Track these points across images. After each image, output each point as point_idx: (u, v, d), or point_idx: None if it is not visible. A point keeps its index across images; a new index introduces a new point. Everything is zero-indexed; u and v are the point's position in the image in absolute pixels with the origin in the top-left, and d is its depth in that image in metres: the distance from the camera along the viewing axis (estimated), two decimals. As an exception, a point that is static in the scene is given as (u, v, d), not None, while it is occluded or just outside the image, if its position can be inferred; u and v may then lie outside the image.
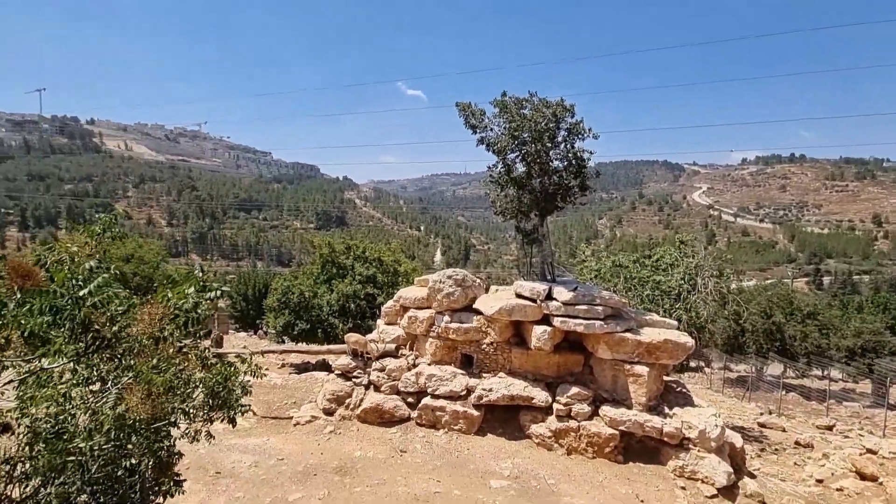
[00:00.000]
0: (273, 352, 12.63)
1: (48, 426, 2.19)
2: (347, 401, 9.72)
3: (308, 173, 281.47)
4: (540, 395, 8.69)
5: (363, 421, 9.31)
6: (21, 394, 2.47)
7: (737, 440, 8.64)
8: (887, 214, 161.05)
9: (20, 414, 2.32)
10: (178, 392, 2.57)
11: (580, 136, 10.01)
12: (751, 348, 25.66)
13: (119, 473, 2.57)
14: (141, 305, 2.38)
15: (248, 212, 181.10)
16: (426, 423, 9.09)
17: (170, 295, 2.52)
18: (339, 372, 10.17)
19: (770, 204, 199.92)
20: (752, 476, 8.56)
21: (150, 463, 2.76)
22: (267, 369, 17.07)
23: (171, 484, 3.02)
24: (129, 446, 2.52)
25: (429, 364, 9.70)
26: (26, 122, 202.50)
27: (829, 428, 14.61)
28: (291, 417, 9.91)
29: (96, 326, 2.23)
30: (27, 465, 2.19)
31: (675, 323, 9.79)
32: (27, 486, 2.43)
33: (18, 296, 2.07)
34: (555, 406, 8.58)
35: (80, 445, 2.17)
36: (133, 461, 2.57)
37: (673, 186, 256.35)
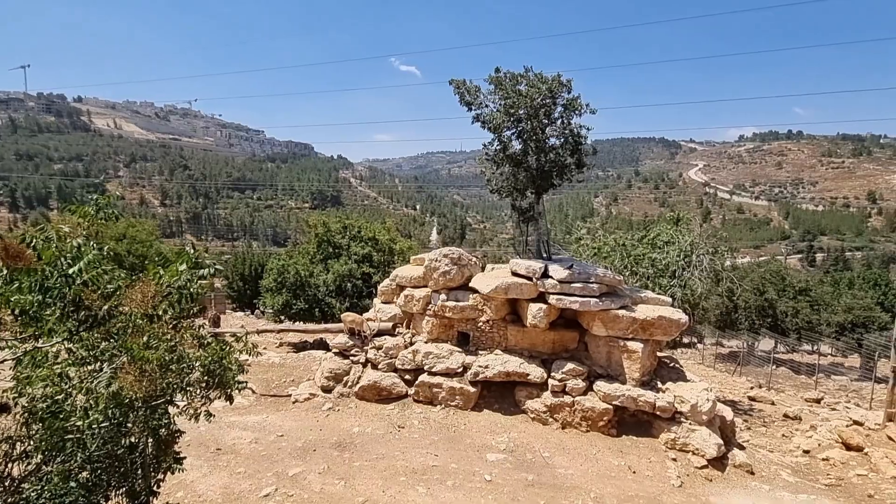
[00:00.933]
0: (270, 331, 12.71)
1: (44, 406, 2.20)
2: (345, 378, 9.83)
3: (302, 152, 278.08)
4: (535, 372, 8.81)
5: (361, 398, 9.44)
6: (17, 374, 2.47)
7: (727, 413, 8.84)
8: (882, 191, 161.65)
9: (17, 394, 2.33)
10: (173, 369, 2.58)
11: (577, 112, 9.89)
12: (743, 324, 26.04)
13: (119, 451, 2.60)
14: (133, 283, 2.37)
15: (242, 191, 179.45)
16: (423, 400, 9.23)
17: (161, 272, 2.50)
18: (337, 350, 10.25)
19: (766, 181, 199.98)
20: (742, 447, 8.79)
21: (150, 440, 2.80)
22: (265, 348, 17.18)
23: (172, 461, 3.06)
24: (129, 424, 2.54)
25: (426, 342, 9.78)
26: (11, 99, 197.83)
27: (817, 401, 14.97)
28: (290, 395, 10.02)
29: (87, 304, 2.22)
30: (27, 444, 2.20)
31: (670, 300, 9.88)
32: (28, 464, 2.45)
33: (4, 272, 2.04)
34: (550, 382, 8.71)
35: (78, 424, 2.18)
36: (133, 439, 2.60)
37: (669, 164, 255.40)
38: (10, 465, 2.34)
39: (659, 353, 9.92)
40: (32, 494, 2.36)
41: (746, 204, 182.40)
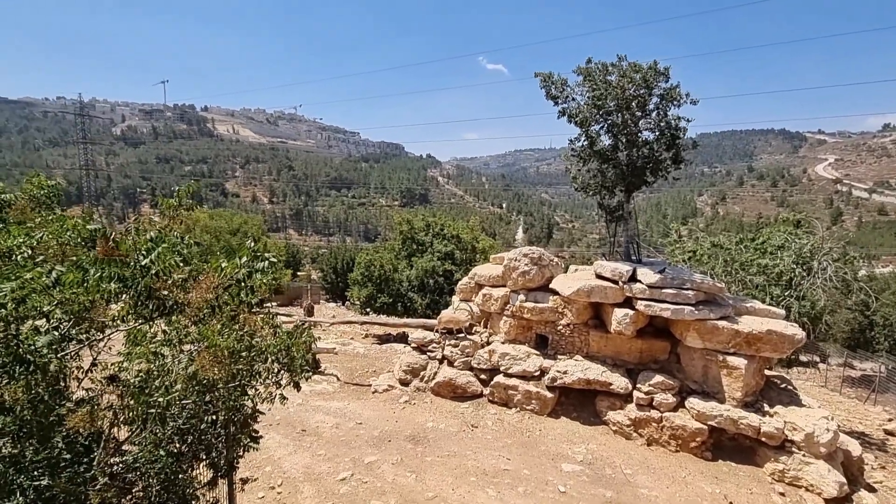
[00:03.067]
0: (354, 322, 13.36)
1: (136, 380, 2.47)
2: (422, 373, 10.00)
3: (393, 152, 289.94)
4: (619, 382, 8.25)
5: (436, 394, 9.53)
6: (124, 350, 2.79)
7: (854, 447, 7.56)
8: None
9: (122, 368, 2.64)
10: (243, 356, 2.74)
11: (675, 103, 9.10)
12: (882, 344, 22.28)
13: (202, 427, 2.84)
14: (199, 275, 2.56)
15: (339, 189, 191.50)
16: (498, 401, 9.08)
17: (224, 265, 2.67)
18: (416, 345, 10.47)
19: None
20: (872, 490, 7.48)
21: (229, 419, 3.02)
22: (352, 338, 18.14)
23: (249, 440, 3.28)
24: (209, 404, 2.76)
25: (502, 342, 9.62)
26: (154, 110, 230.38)
27: (982, 443, 12.30)
28: (370, 385, 10.43)
29: (159, 294, 2.44)
30: (127, 414, 2.49)
31: (783, 312, 8.70)
32: (130, 431, 2.76)
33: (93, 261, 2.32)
34: (635, 394, 8.10)
35: (159, 399, 2.41)
36: (214, 417, 2.82)
37: (791, 158, 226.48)
38: (115, 430, 2.65)
39: (767, 372, 8.79)
40: (130, 458, 2.65)
41: (891, 204, 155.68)
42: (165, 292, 2.49)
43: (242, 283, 2.73)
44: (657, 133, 9.29)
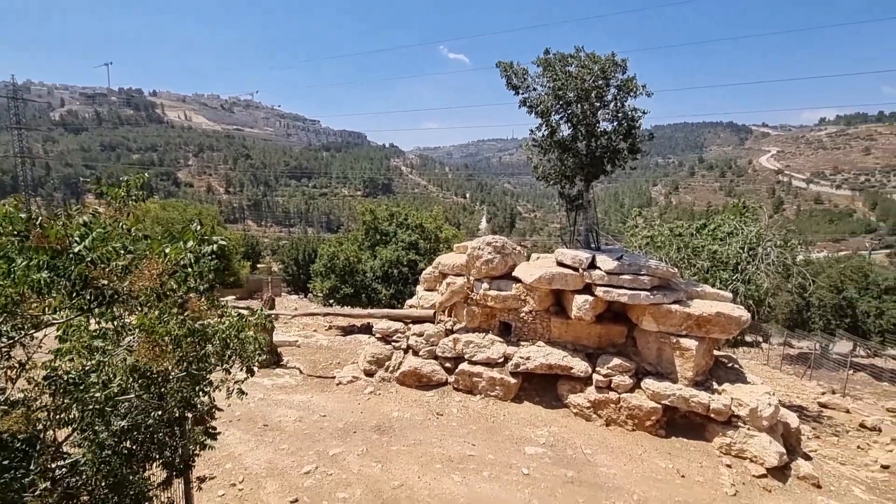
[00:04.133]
0: (317, 314, 13.12)
1: (70, 377, 2.31)
2: (387, 363, 9.96)
3: (355, 141, 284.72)
4: (579, 366, 8.50)
5: (401, 383, 9.53)
6: (56, 346, 2.61)
7: (792, 420, 8.13)
8: None
9: (51, 366, 2.46)
10: (186, 343, 2.62)
11: (632, 94, 9.32)
12: (817, 324, 23.98)
13: (152, 424, 2.71)
14: (140, 262, 2.42)
15: (299, 179, 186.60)
16: (463, 389, 9.17)
17: (168, 251, 2.53)
18: (380, 336, 10.39)
19: (850, 168, 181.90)
20: (808, 458, 8.07)
21: (183, 415, 2.89)
22: (314, 330, 17.82)
23: (205, 436, 3.16)
24: (158, 399, 2.63)
25: (466, 330, 9.69)
26: (97, 94, 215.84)
27: (901, 411, 13.51)
28: (335, 377, 10.30)
29: (97, 283, 2.29)
30: (62, 413, 2.33)
31: (730, 295, 9.18)
32: (69, 431, 2.59)
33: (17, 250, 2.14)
34: (594, 377, 8.38)
35: (96, 395, 2.27)
36: (164, 414, 2.69)
37: (738, 150, 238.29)
38: (53, 432, 2.49)
39: (716, 352, 9.28)
40: (73, 461, 2.49)
41: (826, 193, 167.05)
42: (104, 281, 2.34)
43: (190, 269, 2.60)
44: (615, 123, 9.52)
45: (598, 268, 8.54)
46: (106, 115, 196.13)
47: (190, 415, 3.04)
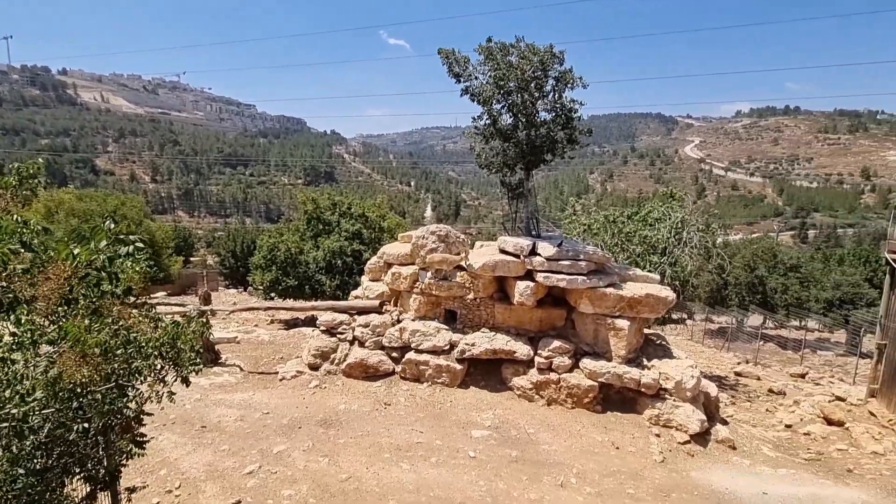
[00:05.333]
0: (255, 308, 12.61)
1: None
2: (332, 356, 9.80)
3: (294, 127, 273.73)
4: (522, 349, 8.80)
5: (348, 375, 9.43)
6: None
7: (712, 389, 8.90)
8: (876, 168, 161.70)
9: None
10: (119, 354, 2.45)
11: (569, 86, 9.61)
12: (733, 301, 26.28)
13: (72, 437, 2.51)
14: (48, 263, 2.21)
15: (234, 167, 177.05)
16: (410, 377, 9.22)
17: (77, 252, 2.33)
18: (324, 328, 10.18)
19: (762, 157, 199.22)
20: (725, 423, 8.89)
21: (106, 424, 2.70)
22: (255, 325, 17.15)
23: (132, 445, 2.98)
24: (79, 410, 2.43)
25: (413, 320, 9.72)
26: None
27: (802, 376, 15.20)
28: (277, 373, 10.00)
29: None
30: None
31: (658, 277, 9.84)
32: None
33: None
34: (536, 359, 8.71)
35: (13, 412, 2.07)
36: (86, 425, 2.50)
37: (666, 140, 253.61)
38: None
39: (646, 331, 9.94)
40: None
41: (741, 181, 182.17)
42: (3, 284, 2.11)
43: (103, 272, 2.40)
44: (553, 114, 9.81)
45: (539, 254, 8.83)
46: (7, 95, 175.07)
47: (115, 423, 2.85)
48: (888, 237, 10.03)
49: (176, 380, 2.96)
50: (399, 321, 9.84)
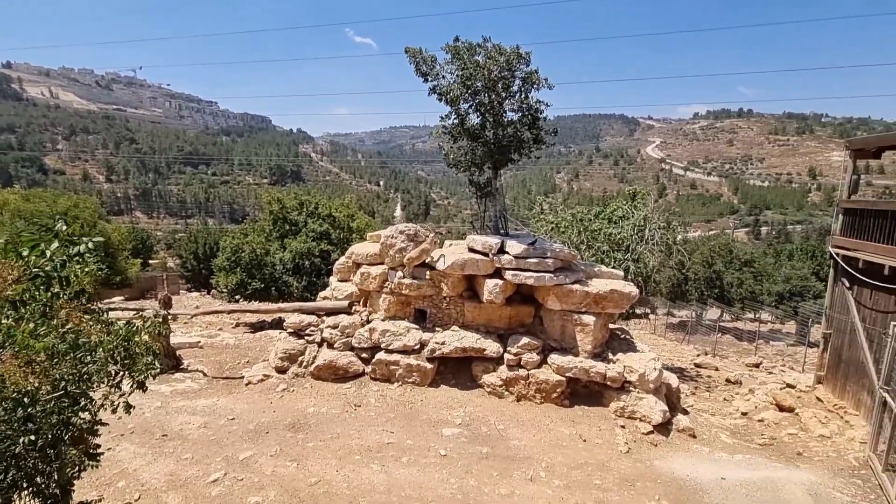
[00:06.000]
0: (218, 312, 12.25)
1: None
2: (300, 358, 9.62)
3: (259, 125, 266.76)
4: (492, 347, 8.89)
5: (317, 378, 9.28)
6: None
7: (673, 381, 9.23)
8: (821, 168, 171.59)
9: None
10: (67, 358, 2.32)
11: (535, 86, 9.74)
12: (693, 295, 27.33)
13: (18, 450, 2.37)
14: None
15: (196, 166, 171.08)
16: (380, 378, 9.16)
17: (25, 254, 2.21)
18: (292, 330, 9.98)
19: (718, 157, 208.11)
20: (686, 412, 9.25)
21: (56, 436, 2.56)
22: (219, 329, 16.64)
23: (85, 457, 2.83)
24: (26, 421, 2.30)
25: (383, 320, 9.66)
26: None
27: (757, 365, 15.96)
28: (243, 377, 9.74)
29: None
30: None
31: (622, 273, 10.12)
32: None
33: None
34: (506, 356, 8.81)
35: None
36: (32, 437, 2.36)
37: (629, 140, 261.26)
38: None
39: (611, 325, 10.21)
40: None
41: (699, 180, 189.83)
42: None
43: (54, 276, 2.28)
44: (520, 114, 9.93)
45: (507, 252, 8.94)
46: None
47: (66, 435, 2.70)
48: (831, 233, 10.66)
49: (133, 387, 2.83)
50: (369, 321, 9.75)
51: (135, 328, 2.72)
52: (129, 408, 2.87)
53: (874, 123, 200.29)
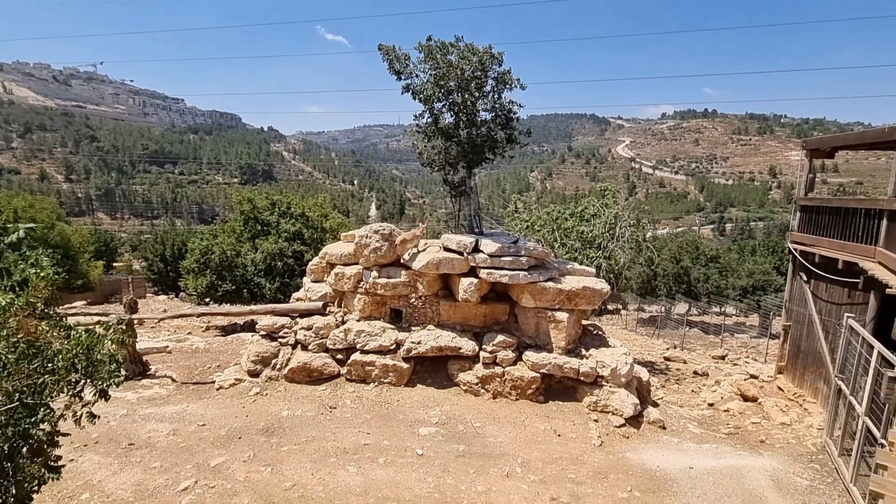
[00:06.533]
0: (186, 315, 11.88)
1: None
2: (274, 361, 9.45)
3: (229, 123, 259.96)
4: (467, 345, 8.93)
5: (291, 380, 9.13)
6: None
7: (644, 374, 9.48)
8: (781, 166, 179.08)
9: None
10: (20, 367, 2.22)
11: (508, 86, 9.83)
12: (662, 291, 28.11)
13: (-30, 465, 2.25)
14: None
15: (162, 165, 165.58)
16: (356, 379, 9.09)
17: None
18: (264, 332, 9.80)
19: (685, 156, 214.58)
20: (656, 405, 9.52)
21: (13, 448, 2.44)
22: (189, 333, 16.18)
23: (45, 470, 2.72)
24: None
25: (358, 320, 9.59)
26: None
27: (722, 358, 16.56)
28: (214, 382, 9.50)
29: None
30: None
31: (593, 270, 10.32)
32: None
33: None
34: (481, 354, 8.88)
35: None
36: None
37: (600, 140, 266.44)
38: None
39: (584, 322, 10.41)
40: None
41: (668, 178, 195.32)
42: None
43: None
44: (493, 114, 10.01)
45: (482, 251, 9.00)
46: None
47: (24, 448, 2.58)
48: (790, 229, 11.14)
49: (96, 396, 2.72)
50: (343, 322, 9.66)
51: (97, 336, 2.61)
52: (92, 417, 2.76)
53: (829, 124, 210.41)
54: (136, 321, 11.33)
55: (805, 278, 10.38)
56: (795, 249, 10.61)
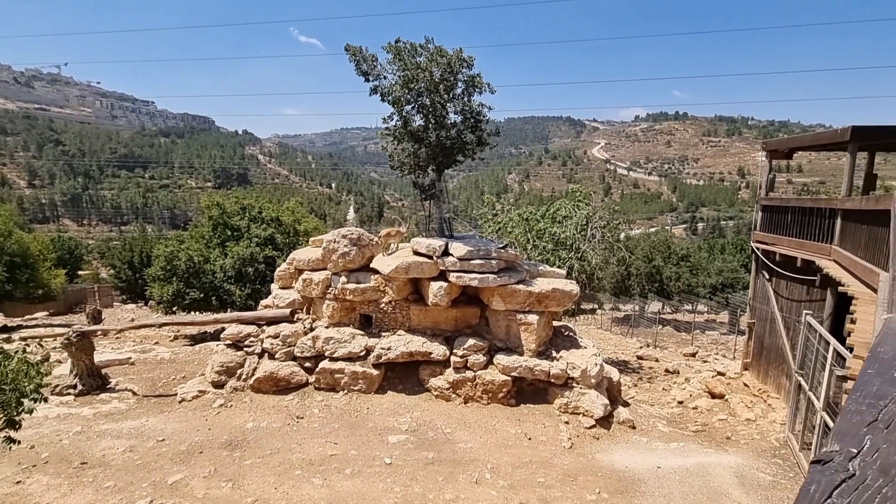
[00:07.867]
0: (149, 325, 11.46)
1: None
2: (239, 371, 9.18)
3: (201, 126, 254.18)
4: (438, 350, 8.84)
5: (257, 391, 8.88)
6: None
7: (614, 374, 9.56)
8: (749, 167, 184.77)
9: None
10: None
11: (478, 90, 9.80)
12: (635, 290, 28.57)
13: None
14: None
15: (132, 169, 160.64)
16: (325, 387, 8.90)
17: None
18: (230, 342, 9.51)
19: (658, 158, 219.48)
20: (626, 405, 9.59)
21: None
22: (155, 343, 15.64)
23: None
24: None
25: (326, 327, 9.39)
26: None
27: (693, 355, 16.88)
28: (177, 394, 9.17)
29: None
30: None
31: (564, 272, 10.37)
32: None
33: None
34: (452, 358, 8.80)
35: None
36: None
37: (576, 142, 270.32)
38: None
39: (555, 323, 10.44)
40: None
41: (641, 179, 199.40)
42: None
43: None
44: (462, 117, 9.97)
45: (451, 255, 8.93)
46: None
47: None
48: (752, 228, 11.43)
49: (3, 423, 2.53)
50: (312, 329, 9.46)
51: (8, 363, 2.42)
52: (11, 442, 2.56)
53: (793, 126, 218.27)
54: (99, 332, 10.87)
55: (767, 276, 10.64)
56: (758, 248, 10.87)
